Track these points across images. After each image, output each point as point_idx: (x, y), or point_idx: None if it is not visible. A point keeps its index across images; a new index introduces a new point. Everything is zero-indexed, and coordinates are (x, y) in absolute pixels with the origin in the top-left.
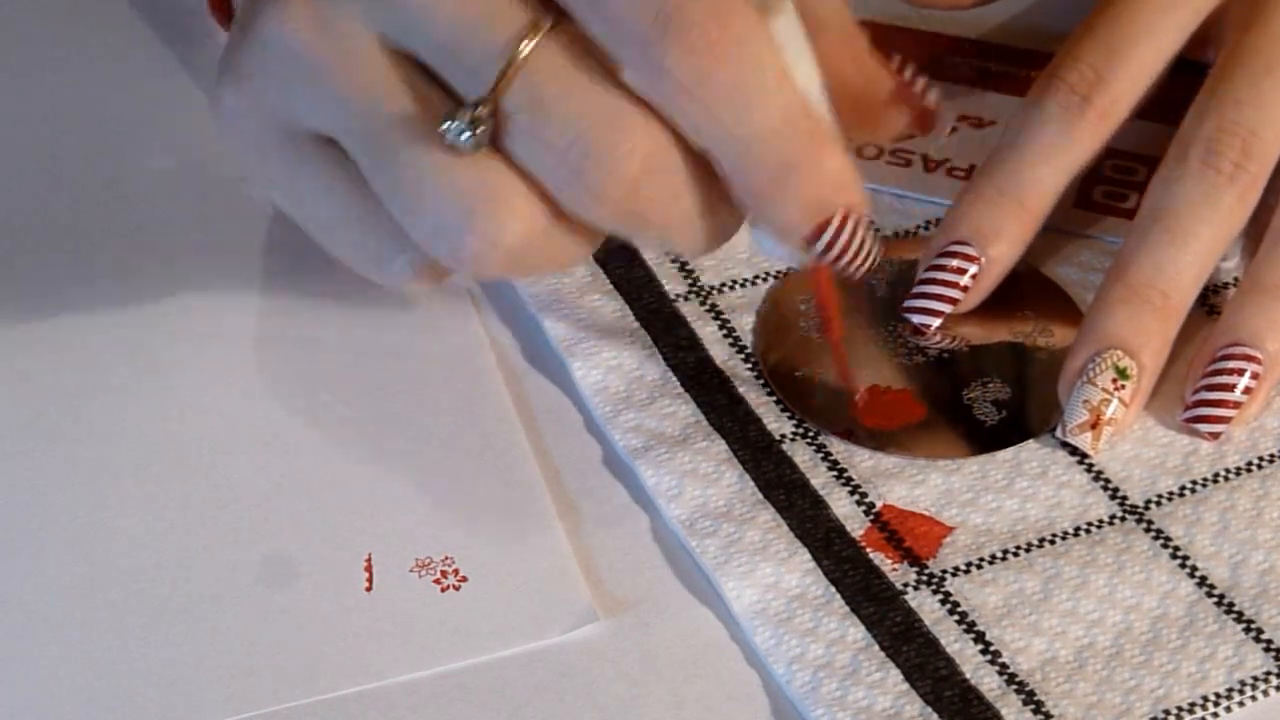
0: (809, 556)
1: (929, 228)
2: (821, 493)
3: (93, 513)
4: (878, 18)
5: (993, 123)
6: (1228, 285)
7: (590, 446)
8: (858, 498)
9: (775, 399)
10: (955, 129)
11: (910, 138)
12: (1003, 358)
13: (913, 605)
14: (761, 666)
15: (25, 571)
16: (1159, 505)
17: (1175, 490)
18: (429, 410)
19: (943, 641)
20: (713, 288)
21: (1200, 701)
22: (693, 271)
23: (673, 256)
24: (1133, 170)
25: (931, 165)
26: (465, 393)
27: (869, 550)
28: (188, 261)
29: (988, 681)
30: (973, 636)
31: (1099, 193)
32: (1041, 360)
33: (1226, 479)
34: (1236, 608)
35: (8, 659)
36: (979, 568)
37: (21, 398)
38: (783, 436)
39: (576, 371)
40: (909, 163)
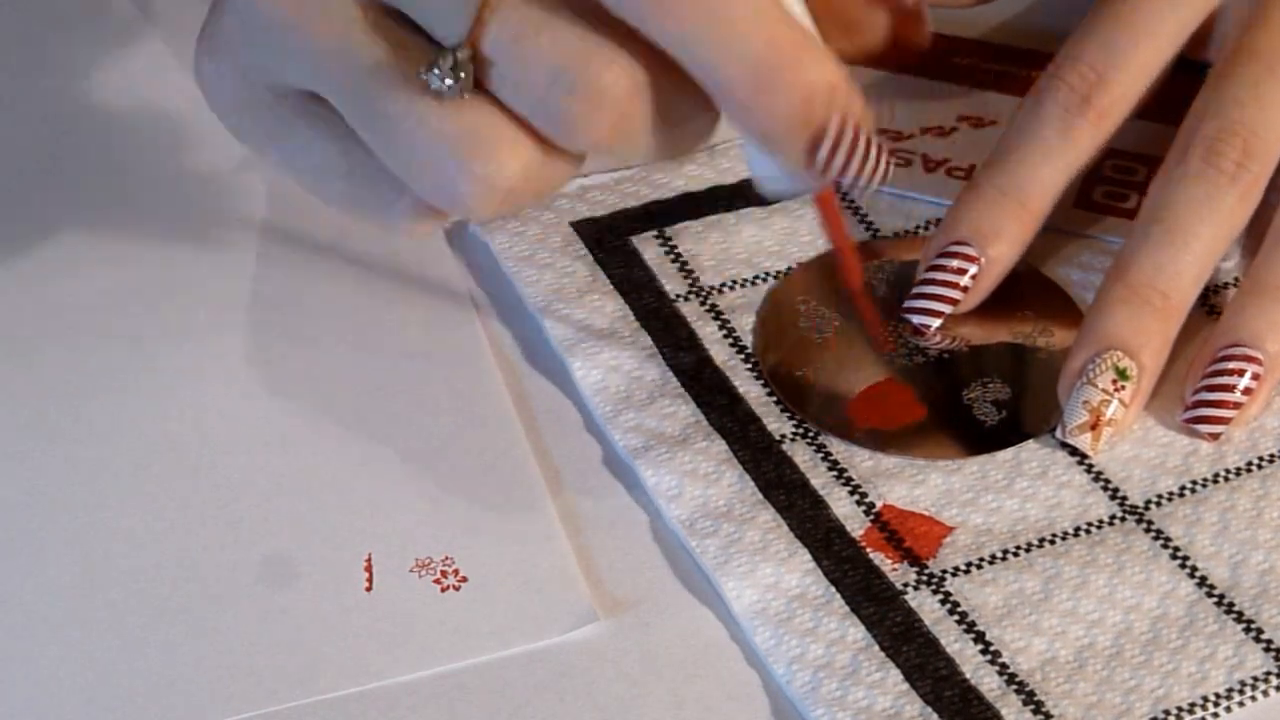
0: (809, 556)
1: (929, 228)
2: (821, 493)
3: (93, 513)
4: None
5: (993, 123)
6: (1228, 285)
7: (590, 446)
8: (858, 498)
9: (775, 399)
10: (955, 129)
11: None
12: (1003, 358)
13: (913, 605)
14: (761, 666)
15: (25, 571)
16: (1159, 505)
17: (1175, 490)
18: (429, 410)
19: (943, 641)
20: (713, 288)
21: (1200, 701)
22: (693, 271)
23: (669, 245)
24: (1133, 170)
25: (931, 165)
26: (465, 393)
27: (869, 550)
28: (188, 261)
29: (988, 681)
30: (973, 636)
31: (1099, 193)
32: (1041, 360)
33: (1226, 479)
34: (1236, 608)
35: (8, 659)
36: (979, 568)
37: (21, 398)
38: (783, 436)
39: (576, 371)
40: (909, 163)
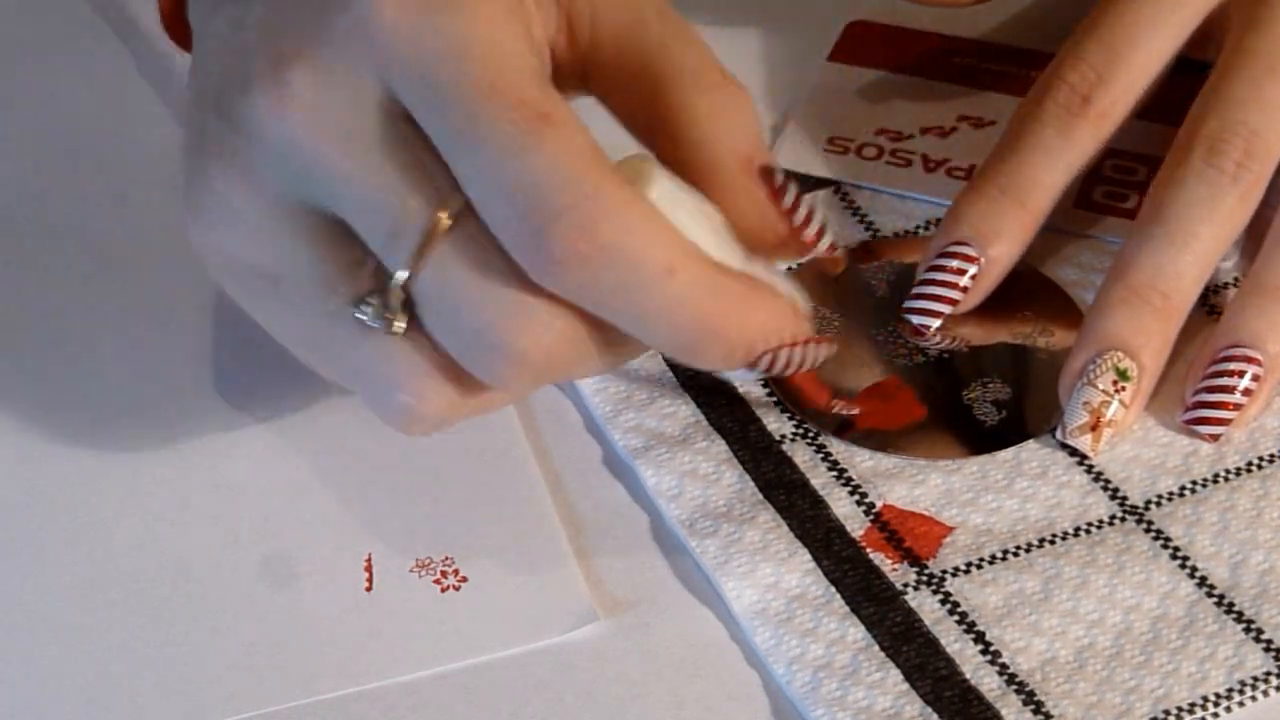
0: (809, 556)
1: (929, 228)
2: (821, 493)
3: (93, 513)
4: (878, 18)
5: (993, 123)
6: (1228, 285)
7: (590, 446)
8: (858, 498)
9: (775, 399)
10: (955, 129)
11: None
12: (1003, 358)
13: (913, 605)
14: (761, 666)
15: (25, 571)
16: (1159, 505)
17: (1175, 490)
18: None
19: (943, 641)
20: None
21: (1200, 702)
22: None
23: None
24: (1133, 170)
25: (931, 165)
26: None
27: (869, 550)
28: (188, 261)
29: (988, 681)
30: (973, 636)
31: (1099, 193)
32: (1041, 361)
33: (1226, 479)
34: (1236, 608)
35: (8, 659)
36: (979, 568)
37: (22, 398)
38: (783, 436)
39: None
40: (909, 163)
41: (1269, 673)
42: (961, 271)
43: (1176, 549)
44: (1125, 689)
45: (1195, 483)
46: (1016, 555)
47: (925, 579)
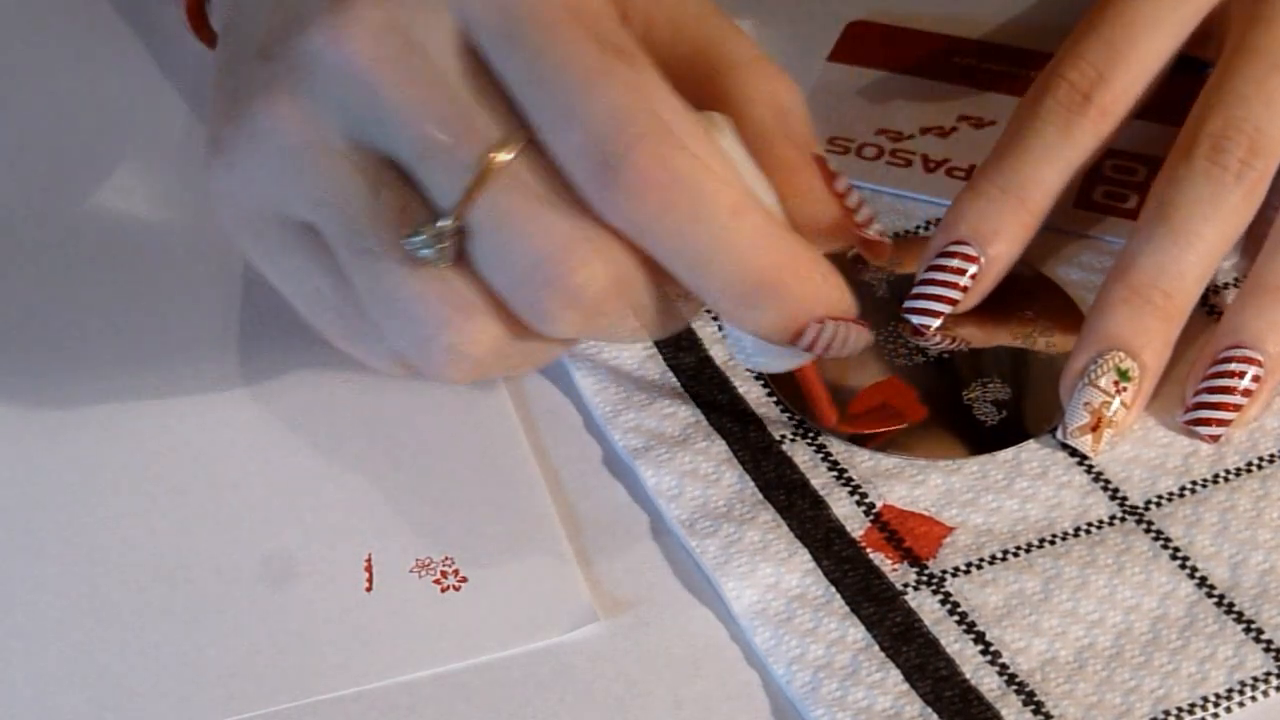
0: (809, 557)
1: (929, 228)
2: (821, 493)
3: (93, 513)
4: (878, 18)
5: (993, 123)
6: (1228, 285)
7: (590, 446)
8: (858, 498)
9: (775, 399)
10: (955, 129)
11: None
12: (1003, 358)
13: (913, 605)
14: (761, 666)
15: (25, 571)
16: (1159, 506)
17: (1175, 491)
18: (429, 410)
19: (943, 642)
20: None
21: (1200, 702)
22: None
23: None
24: (1133, 170)
25: (931, 165)
26: (465, 393)
27: (869, 550)
28: (188, 261)
29: (988, 682)
30: (973, 637)
31: (1099, 193)
32: (1042, 361)
33: (1226, 479)
34: (1236, 608)
35: (8, 659)
36: (979, 568)
37: (22, 398)
38: (783, 437)
39: (576, 371)
40: (909, 163)
41: (1269, 673)
42: (961, 271)
43: (1176, 549)
44: (1125, 689)
45: (1195, 483)
46: (1016, 555)
47: (925, 579)
